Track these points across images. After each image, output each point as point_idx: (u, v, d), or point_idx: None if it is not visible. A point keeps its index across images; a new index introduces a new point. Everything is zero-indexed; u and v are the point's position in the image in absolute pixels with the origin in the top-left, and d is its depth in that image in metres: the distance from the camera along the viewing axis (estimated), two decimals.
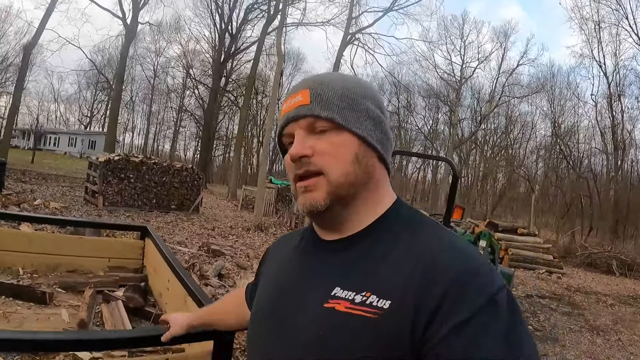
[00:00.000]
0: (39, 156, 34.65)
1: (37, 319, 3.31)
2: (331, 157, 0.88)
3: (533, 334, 7.12)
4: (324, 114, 0.89)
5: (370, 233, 0.90)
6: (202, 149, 38.97)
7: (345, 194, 0.89)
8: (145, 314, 3.57)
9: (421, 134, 52.78)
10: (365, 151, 0.91)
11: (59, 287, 3.90)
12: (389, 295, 0.78)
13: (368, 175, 0.91)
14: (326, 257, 0.93)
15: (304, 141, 0.90)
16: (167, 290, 3.41)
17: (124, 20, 33.24)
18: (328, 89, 0.92)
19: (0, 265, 4.09)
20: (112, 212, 12.72)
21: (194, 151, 61.36)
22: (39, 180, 18.96)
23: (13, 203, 11.13)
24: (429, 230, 0.88)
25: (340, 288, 0.84)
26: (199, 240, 10.24)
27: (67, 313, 3.46)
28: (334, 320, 0.81)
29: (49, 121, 65.44)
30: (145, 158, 14.87)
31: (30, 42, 22.62)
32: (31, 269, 4.18)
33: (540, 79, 43.49)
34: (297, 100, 0.92)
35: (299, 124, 0.91)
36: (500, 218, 36.98)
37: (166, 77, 56.44)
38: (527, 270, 14.45)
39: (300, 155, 0.89)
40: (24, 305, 3.52)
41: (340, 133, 0.90)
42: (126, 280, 4.02)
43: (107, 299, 3.70)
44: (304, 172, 0.89)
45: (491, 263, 3.61)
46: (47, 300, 3.58)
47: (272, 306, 0.97)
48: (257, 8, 37.24)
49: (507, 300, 0.76)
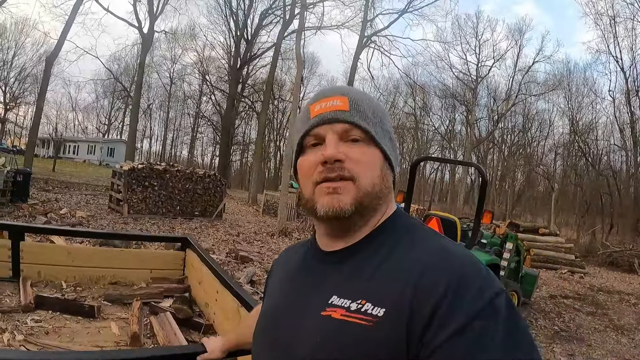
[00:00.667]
0: (60, 164, 35.06)
1: (88, 333, 3.33)
2: (363, 165, 0.89)
3: (559, 335, 7.08)
4: (363, 124, 0.90)
5: (369, 242, 0.91)
6: (220, 154, 39.23)
7: (369, 204, 0.89)
8: (194, 325, 3.58)
9: (438, 135, 52.53)
10: (387, 168, 0.94)
11: (105, 300, 3.92)
12: (384, 303, 0.78)
13: (388, 191, 0.94)
14: (325, 269, 0.93)
15: (337, 145, 0.89)
16: (216, 301, 3.42)
17: (140, 29, 33.59)
18: (363, 101, 0.93)
19: (43, 279, 4.12)
20: (137, 220, 12.81)
21: (212, 156, 62.00)
22: (61, 188, 19.16)
23: (40, 213, 11.27)
24: (425, 237, 0.88)
25: (337, 296, 0.84)
26: (226, 247, 10.30)
27: (117, 326, 3.48)
28: (329, 327, 0.81)
29: (68, 130, 66.38)
30: (168, 166, 14.97)
31: (52, 53, 22.88)
32: (74, 282, 4.21)
33: (556, 75, 43.21)
34: (335, 104, 0.92)
35: (333, 127, 0.91)
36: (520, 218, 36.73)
37: (182, 84, 57.07)
38: (550, 271, 14.37)
39: (336, 158, 0.88)
40: (72, 319, 3.53)
41: (370, 146, 0.91)
42: (171, 291, 4.04)
43: (155, 310, 3.72)
44: (337, 176, 0.88)
45: (516, 265, 3.57)
46: (95, 314, 3.59)
47: (273, 322, 0.98)
48: (271, 13, 37.42)
49: (505, 304, 0.75)
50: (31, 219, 10.37)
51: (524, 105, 45.27)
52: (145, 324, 3.55)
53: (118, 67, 54.34)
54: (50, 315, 3.52)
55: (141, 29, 33.58)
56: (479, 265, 0.80)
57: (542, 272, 13.20)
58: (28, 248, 4.12)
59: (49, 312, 3.54)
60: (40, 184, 18.93)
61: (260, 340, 1.01)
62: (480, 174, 6.79)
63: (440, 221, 6.36)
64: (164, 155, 62.45)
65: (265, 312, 1.05)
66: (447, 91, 46.51)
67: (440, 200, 55.43)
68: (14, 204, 11.65)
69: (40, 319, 3.40)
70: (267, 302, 1.08)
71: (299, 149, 0.98)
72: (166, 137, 64.59)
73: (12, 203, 11.70)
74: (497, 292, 0.75)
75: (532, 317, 7.82)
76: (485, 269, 0.80)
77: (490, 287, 0.76)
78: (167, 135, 64.55)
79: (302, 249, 1.08)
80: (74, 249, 4.79)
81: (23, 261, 3.99)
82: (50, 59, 22.64)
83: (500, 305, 0.74)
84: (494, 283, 0.77)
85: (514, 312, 0.75)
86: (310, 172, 0.91)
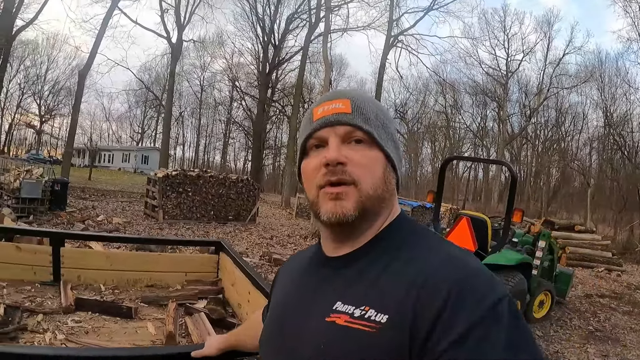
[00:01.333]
0: (95, 173, 35.83)
1: (125, 333, 3.45)
2: (365, 169, 0.89)
3: (593, 335, 6.93)
4: (365, 126, 0.90)
5: (372, 247, 0.91)
6: (253, 159, 39.66)
7: (371, 207, 0.89)
8: (227, 325, 3.67)
9: (470, 132, 51.92)
10: (389, 171, 0.93)
11: (142, 302, 4.05)
12: (387, 310, 0.78)
13: (390, 193, 0.93)
14: (329, 274, 0.93)
15: (339, 148, 0.90)
16: (248, 302, 3.50)
17: (168, 39, 34.20)
18: (366, 104, 0.93)
19: (82, 282, 4.28)
20: (172, 225, 13.06)
21: (244, 161, 62.51)
22: (98, 196, 19.64)
23: (78, 220, 11.59)
24: (428, 242, 0.88)
25: (341, 302, 0.84)
26: (259, 250, 10.42)
27: (153, 326, 3.59)
28: (333, 333, 0.82)
29: (102, 139, 67.89)
30: (201, 172, 15.21)
31: (84, 67, 23.46)
32: (112, 284, 4.36)
33: (588, 67, 42.09)
34: (337, 107, 0.92)
35: (336, 130, 0.91)
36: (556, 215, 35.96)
37: (213, 91, 57.98)
38: (586, 269, 13.99)
39: (338, 161, 0.88)
40: (111, 320, 3.67)
41: (372, 148, 0.91)
42: (205, 293, 4.15)
43: (189, 311, 3.83)
44: (338, 179, 0.88)
45: (550, 264, 3.54)
46: (133, 315, 3.72)
47: (279, 327, 0.99)
48: (297, 17, 37.73)
49: (508, 309, 0.74)
50: (70, 226, 10.67)
51: (556, 99, 44.30)
52: (181, 324, 3.66)
53: (149, 77, 55.40)
54: (89, 316, 3.65)
55: (170, 39, 34.22)
56: (482, 271, 0.80)
57: (578, 270, 12.89)
58: (68, 253, 4.27)
59: (88, 313, 3.68)
60: (77, 192, 19.42)
61: (267, 345, 1.02)
62: (510, 172, 6.73)
63: (471, 221, 6.31)
64: (197, 162, 63.28)
65: (271, 317, 1.06)
66: (478, 88, 46.00)
67: (474, 199, 54.64)
68: (52, 212, 12.02)
69: (80, 319, 3.53)
70: (273, 308, 1.09)
71: (303, 151, 0.98)
72: (199, 144, 65.52)
73: (50, 211, 12.07)
74: (500, 297, 0.75)
75: (566, 317, 7.69)
76: (490, 274, 0.80)
77: (493, 293, 0.75)
78: (199, 142, 65.46)
79: (308, 255, 1.08)
80: (112, 254, 4.94)
81: (63, 266, 4.15)
82: (83, 72, 23.20)
83: (503, 311, 0.73)
84: (497, 288, 0.77)
85: (518, 318, 0.75)
86: (314, 175, 0.92)
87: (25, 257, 4.12)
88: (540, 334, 6.60)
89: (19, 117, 57.26)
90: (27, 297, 3.84)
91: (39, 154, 51.64)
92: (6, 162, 15.60)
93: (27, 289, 3.97)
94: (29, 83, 55.55)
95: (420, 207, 20.49)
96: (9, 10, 16.13)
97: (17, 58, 49.89)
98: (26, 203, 11.30)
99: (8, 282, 3.98)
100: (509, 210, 6.25)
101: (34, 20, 24.73)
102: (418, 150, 55.67)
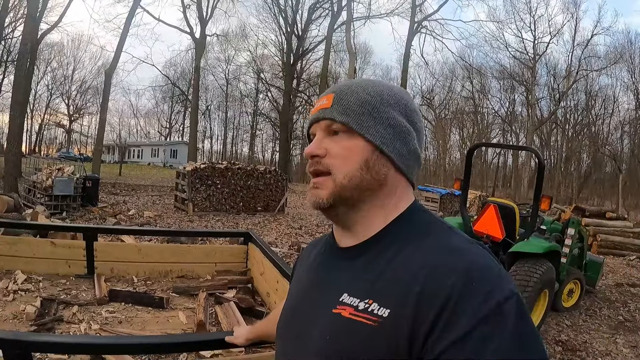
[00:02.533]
0: (125, 168, 36.54)
1: (157, 322, 3.56)
2: (339, 159, 0.91)
3: (623, 325, 6.77)
4: (339, 118, 0.91)
5: (379, 240, 0.90)
6: (280, 149, 39.72)
7: (349, 196, 0.90)
8: (256, 313, 3.76)
9: (498, 118, 51.15)
10: (378, 158, 0.91)
11: (173, 292, 4.16)
12: (389, 304, 0.78)
13: (378, 182, 0.91)
14: (339, 265, 0.94)
15: (320, 142, 0.93)
16: (276, 290, 3.57)
17: (192, 34, 34.39)
18: (350, 94, 0.93)
19: (115, 274, 4.41)
20: (202, 217, 13.22)
21: (272, 152, 62.89)
22: (128, 191, 19.96)
23: (110, 215, 11.83)
24: (437, 235, 0.87)
25: (347, 295, 0.85)
26: (288, 240, 10.48)
27: (184, 315, 3.69)
28: (338, 325, 0.83)
29: (131, 135, 69.00)
30: (229, 164, 15.32)
31: (110, 66, 23.82)
32: (144, 276, 4.48)
33: (617, 48, 41.00)
34: (322, 103, 0.95)
35: (319, 125, 0.95)
36: (587, 201, 35.36)
37: (238, 84, 58.08)
38: (617, 257, 13.56)
39: (312, 154, 0.93)
40: (143, 310, 3.79)
41: (352, 138, 0.91)
42: (234, 283, 4.23)
43: (219, 300, 3.92)
44: (314, 170, 0.93)
45: (580, 252, 3.49)
46: (164, 305, 3.82)
47: (292, 316, 1.01)
48: (319, 7, 37.52)
49: (515, 309, 0.72)
50: (102, 221, 10.90)
51: (586, 82, 43.16)
52: (211, 313, 3.75)
53: (174, 73, 56.09)
54: (123, 306, 3.78)
55: (193, 35, 34.41)
56: (490, 267, 0.78)
57: (609, 259, 12.59)
58: (101, 247, 4.41)
59: (121, 304, 3.81)
60: (108, 188, 19.77)
61: (281, 333, 1.05)
62: (537, 158, 6.62)
63: (498, 208, 6.26)
64: (225, 154, 63.90)
65: (285, 306, 1.09)
66: (505, 72, 44.95)
67: (504, 186, 53.93)
68: (85, 208, 12.28)
69: (113, 310, 3.66)
70: (289, 297, 1.11)
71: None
72: (226, 136, 66.07)
73: (83, 207, 12.33)
74: (507, 295, 0.73)
75: (596, 306, 7.53)
76: (498, 270, 0.78)
77: (500, 291, 0.73)
78: (227, 135, 66.03)
79: (322, 243, 1.09)
80: (143, 246, 5.08)
81: (97, 259, 4.30)
82: (109, 71, 23.53)
83: (509, 310, 0.71)
84: (504, 286, 0.75)
85: (524, 317, 0.73)
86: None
87: (60, 251, 4.27)
88: (569, 323, 6.51)
89: (48, 117, 58.83)
90: (63, 289, 3.98)
91: (70, 152, 52.79)
92: (38, 162, 15.97)
93: (62, 282, 4.12)
94: (56, 84, 57.22)
95: (449, 195, 20.36)
96: (32, 15, 16.41)
97: (43, 61, 51.22)
98: (59, 200, 11.55)
99: (44, 276, 4.14)
100: (536, 197, 6.16)
101: (58, 24, 25.08)
102: (446, 137, 55.11)
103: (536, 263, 5.71)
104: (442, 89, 55.92)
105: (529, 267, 5.59)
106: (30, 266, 4.16)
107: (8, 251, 4.16)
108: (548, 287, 5.82)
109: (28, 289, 3.86)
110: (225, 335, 1.68)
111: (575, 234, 6.92)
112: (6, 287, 3.78)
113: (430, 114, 55.55)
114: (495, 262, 0.80)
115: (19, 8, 33.24)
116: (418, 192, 22.78)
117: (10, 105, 15.97)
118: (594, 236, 13.86)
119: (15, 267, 4.09)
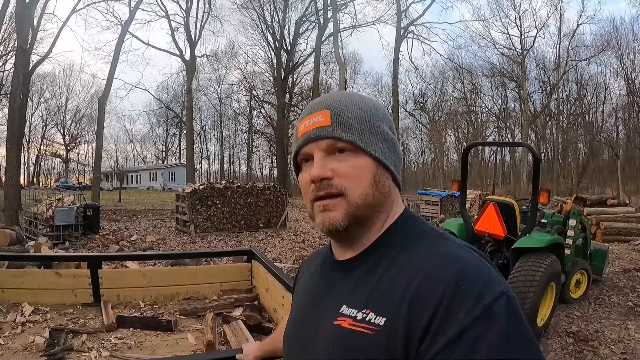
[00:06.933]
0: (125, 194, 36.52)
1: (167, 345, 3.56)
2: (352, 179, 0.89)
3: (633, 310, 6.76)
4: (345, 136, 0.89)
5: (376, 249, 0.91)
6: (278, 165, 39.85)
7: (363, 215, 0.90)
8: (264, 330, 3.76)
9: (492, 116, 51.29)
10: (381, 173, 0.92)
11: (180, 314, 4.16)
12: (384, 312, 0.80)
13: (384, 196, 0.92)
14: (338, 278, 0.95)
15: (323, 163, 0.90)
16: (282, 305, 3.57)
17: (182, 56, 34.72)
18: (347, 110, 0.92)
19: (122, 300, 4.41)
20: (205, 238, 13.24)
21: (270, 168, 62.92)
22: (129, 217, 19.99)
23: (112, 242, 11.84)
24: (428, 243, 0.87)
25: (346, 306, 0.87)
26: (292, 254, 10.50)
27: (193, 336, 3.69)
28: (340, 336, 0.84)
29: (128, 161, 69.33)
30: (228, 183, 15.38)
31: (102, 94, 24.03)
32: (151, 300, 4.48)
33: (603, 35, 41.40)
34: (317, 120, 0.92)
35: (318, 144, 0.91)
36: (587, 191, 35.39)
37: (231, 102, 58.46)
38: (622, 243, 13.56)
39: (322, 177, 0.89)
40: (152, 334, 3.78)
41: (358, 155, 0.90)
42: (240, 301, 4.24)
43: (227, 320, 3.92)
44: (326, 194, 0.89)
45: (584, 241, 3.51)
46: (173, 327, 3.82)
47: (296, 328, 1.03)
48: (306, 20, 37.89)
49: (505, 309, 0.73)
50: (105, 248, 10.92)
51: (576, 72, 43.50)
52: (219, 333, 3.74)
53: (167, 96, 56.53)
54: (131, 332, 3.77)
55: (183, 57, 34.72)
56: (479, 270, 0.79)
57: (614, 245, 12.58)
58: (106, 275, 4.41)
59: (130, 329, 3.80)
60: (109, 215, 19.82)
61: (287, 345, 1.06)
62: (532, 153, 6.67)
63: (498, 206, 6.28)
64: (223, 173, 64.00)
65: (290, 318, 1.10)
66: (495, 69, 45.29)
67: (503, 183, 53.94)
68: (87, 237, 12.29)
69: (122, 336, 3.65)
70: (292, 308, 1.12)
71: (296, 166, 1.00)
72: (223, 156, 66.20)
73: (85, 236, 12.35)
74: (497, 296, 0.74)
75: (604, 295, 7.52)
76: (488, 272, 0.80)
77: (489, 292, 0.74)
78: (223, 154, 66.15)
79: (321, 255, 1.09)
80: (148, 271, 5.10)
81: (102, 287, 4.29)
82: (102, 99, 23.75)
83: (499, 309, 0.73)
84: (494, 287, 0.76)
85: (516, 317, 0.74)
86: (307, 190, 0.93)
87: (65, 281, 4.27)
88: (578, 314, 6.51)
89: (44, 148, 59.01)
90: (71, 319, 3.98)
91: (68, 182, 52.91)
92: (37, 193, 16.00)
93: (69, 312, 4.11)
94: (50, 114, 57.72)
95: (449, 197, 20.37)
96: (23, 47, 16.53)
97: (36, 92, 51.57)
98: (61, 230, 11.59)
99: (51, 306, 4.13)
100: (534, 191, 6.20)
101: (49, 55, 25.22)
102: (442, 139, 55.14)
103: (540, 257, 5.72)
104: (433, 91, 56.23)
105: (533, 262, 5.60)
106: (37, 298, 4.16)
107: (14, 284, 4.16)
108: (554, 280, 5.83)
109: (36, 320, 3.85)
110: (236, 354, 1.68)
111: (577, 225, 6.93)
112: (14, 319, 3.78)
113: (424, 117, 55.73)
114: (485, 265, 0.82)
115: (8, 41, 33.56)
116: (418, 196, 22.83)
117: (6, 138, 16.04)
118: (597, 224, 13.86)
119: (22, 299, 4.09)
